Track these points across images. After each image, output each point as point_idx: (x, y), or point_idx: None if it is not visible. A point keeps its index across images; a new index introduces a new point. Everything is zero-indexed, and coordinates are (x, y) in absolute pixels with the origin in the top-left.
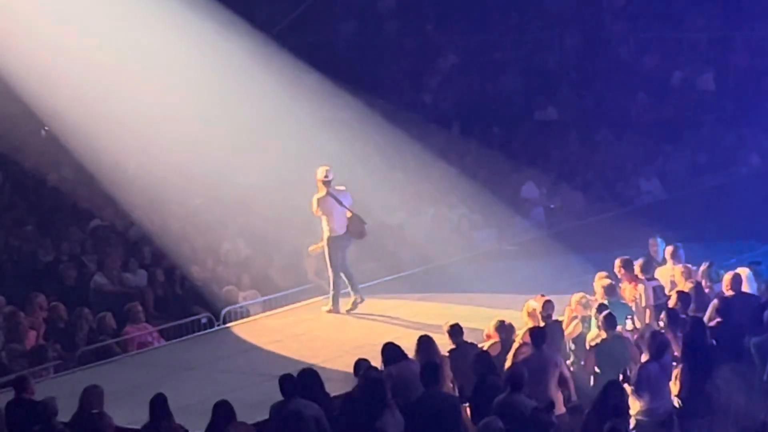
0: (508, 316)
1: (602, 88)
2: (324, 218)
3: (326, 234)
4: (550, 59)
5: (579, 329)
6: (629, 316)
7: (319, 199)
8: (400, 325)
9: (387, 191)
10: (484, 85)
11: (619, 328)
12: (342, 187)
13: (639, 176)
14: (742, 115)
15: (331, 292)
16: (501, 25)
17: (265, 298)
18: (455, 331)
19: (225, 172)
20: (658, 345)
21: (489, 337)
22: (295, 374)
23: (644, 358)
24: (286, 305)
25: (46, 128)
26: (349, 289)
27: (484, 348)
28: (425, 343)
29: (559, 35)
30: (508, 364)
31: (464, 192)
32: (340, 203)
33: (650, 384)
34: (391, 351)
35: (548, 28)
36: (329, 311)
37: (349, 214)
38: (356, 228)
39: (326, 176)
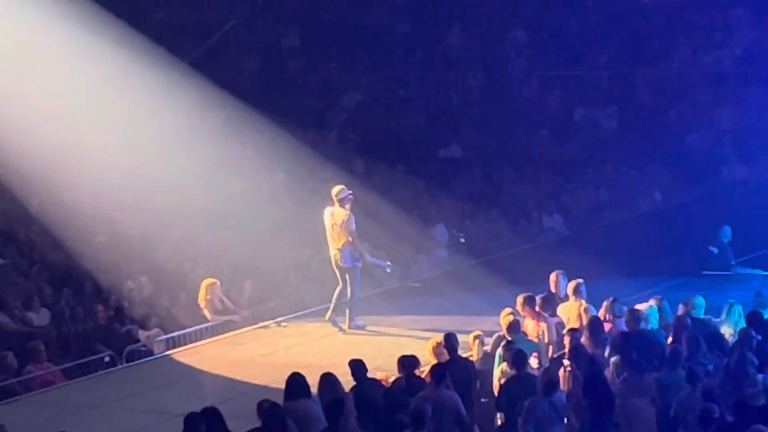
0: (411, 353)
1: (505, 126)
2: None
3: None
4: (454, 97)
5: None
6: (534, 353)
7: None
8: (304, 362)
9: (292, 228)
10: (388, 122)
11: None
12: (341, 208)
13: (542, 213)
14: (644, 152)
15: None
16: (404, 63)
17: (169, 335)
18: (358, 367)
19: (128, 208)
20: (546, 382)
21: (384, 376)
22: (199, 413)
23: None
24: (191, 343)
25: None
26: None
27: (388, 384)
28: (328, 381)
29: (462, 73)
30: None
31: (368, 229)
32: (329, 225)
33: (536, 420)
34: (294, 383)
35: (451, 66)
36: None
37: (336, 237)
38: (346, 252)
39: (335, 194)
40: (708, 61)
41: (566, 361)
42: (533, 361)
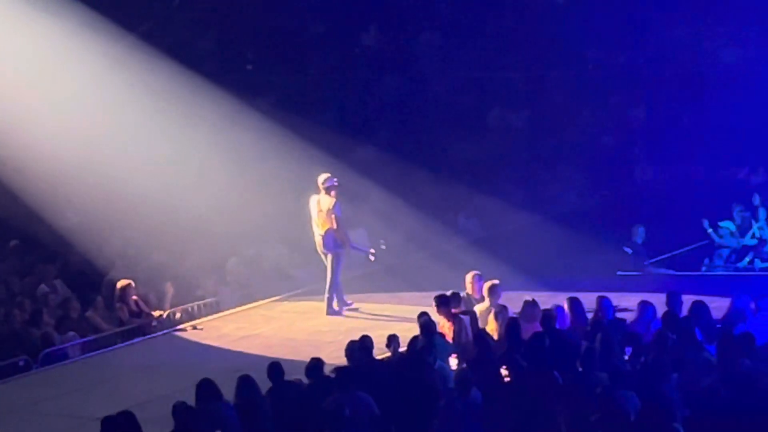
0: (328, 356)
1: (420, 127)
2: None
3: None
4: (369, 99)
5: None
6: (454, 354)
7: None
8: (217, 367)
9: (208, 231)
10: (304, 124)
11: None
12: (326, 195)
13: (457, 214)
14: (557, 153)
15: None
16: (320, 65)
17: (85, 339)
18: (275, 370)
19: (43, 213)
20: (459, 382)
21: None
22: (114, 416)
23: None
24: (107, 347)
25: None
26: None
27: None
28: (245, 383)
29: (377, 74)
30: None
31: (284, 231)
32: (315, 212)
33: (451, 420)
34: (205, 387)
35: (366, 67)
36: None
37: (321, 223)
38: (329, 238)
39: (321, 182)
40: (621, 62)
41: (504, 371)
42: (453, 362)
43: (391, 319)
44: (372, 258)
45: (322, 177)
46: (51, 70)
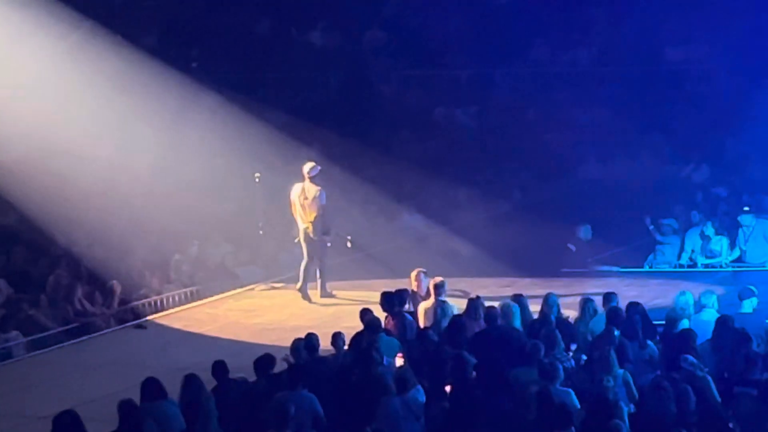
0: (275, 354)
1: (365, 125)
2: None
3: None
4: (314, 97)
5: None
6: (400, 353)
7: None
8: (162, 365)
9: (152, 229)
10: (249, 122)
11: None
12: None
13: (402, 211)
14: (503, 150)
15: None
16: (264, 62)
17: (29, 338)
18: (219, 368)
19: None
20: (397, 380)
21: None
22: (57, 416)
23: None
24: (53, 345)
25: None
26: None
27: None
28: (189, 381)
29: (323, 73)
30: None
31: (228, 228)
32: (299, 199)
33: (389, 419)
34: (150, 385)
35: (312, 65)
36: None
37: (308, 211)
38: (318, 226)
39: (307, 171)
40: (565, 60)
41: (448, 388)
42: (399, 361)
43: (337, 316)
44: (348, 245)
45: (308, 166)
46: None
